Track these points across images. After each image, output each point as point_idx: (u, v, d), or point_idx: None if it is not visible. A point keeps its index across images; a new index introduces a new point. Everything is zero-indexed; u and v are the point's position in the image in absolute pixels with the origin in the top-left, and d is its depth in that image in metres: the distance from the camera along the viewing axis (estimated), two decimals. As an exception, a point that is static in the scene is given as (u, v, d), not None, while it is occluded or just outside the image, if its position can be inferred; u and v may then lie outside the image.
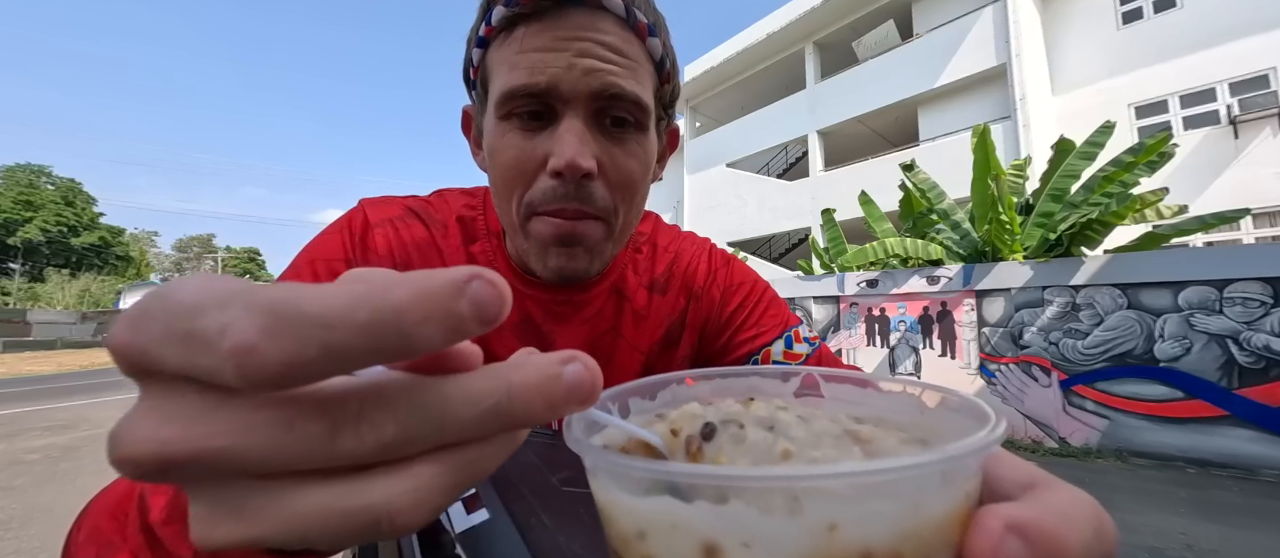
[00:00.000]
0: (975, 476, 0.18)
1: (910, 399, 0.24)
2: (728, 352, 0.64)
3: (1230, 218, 4.90)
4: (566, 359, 0.16)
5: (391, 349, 0.13)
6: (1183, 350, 4.34)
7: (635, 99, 0.46)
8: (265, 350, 0.12)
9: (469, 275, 0.14)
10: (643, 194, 0.53)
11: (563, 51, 0.44)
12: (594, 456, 0.18)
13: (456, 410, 0.15)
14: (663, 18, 0.51)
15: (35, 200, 41.09)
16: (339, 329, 0.13)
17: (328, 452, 0.14)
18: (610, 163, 0.47)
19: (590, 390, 0.16)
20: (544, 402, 0.15)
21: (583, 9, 0.44)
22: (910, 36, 11.79)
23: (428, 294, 0.14)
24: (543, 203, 0.47)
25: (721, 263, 0.68)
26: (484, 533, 0.25)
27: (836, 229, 7.73)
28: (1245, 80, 8.61)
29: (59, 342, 23.31)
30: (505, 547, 0.23)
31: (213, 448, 0.13)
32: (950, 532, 0.17)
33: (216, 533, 0.14)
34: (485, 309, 0.14)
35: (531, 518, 0.25)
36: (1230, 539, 2.93)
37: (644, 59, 0.48)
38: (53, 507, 3.40)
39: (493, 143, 0.48)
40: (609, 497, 0.18)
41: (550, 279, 0.52)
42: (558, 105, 0.45)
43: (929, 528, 0.16)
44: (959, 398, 0.22)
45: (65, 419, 6.47)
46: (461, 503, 0.28)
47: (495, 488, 0.28)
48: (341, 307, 0.13)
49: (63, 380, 10.82)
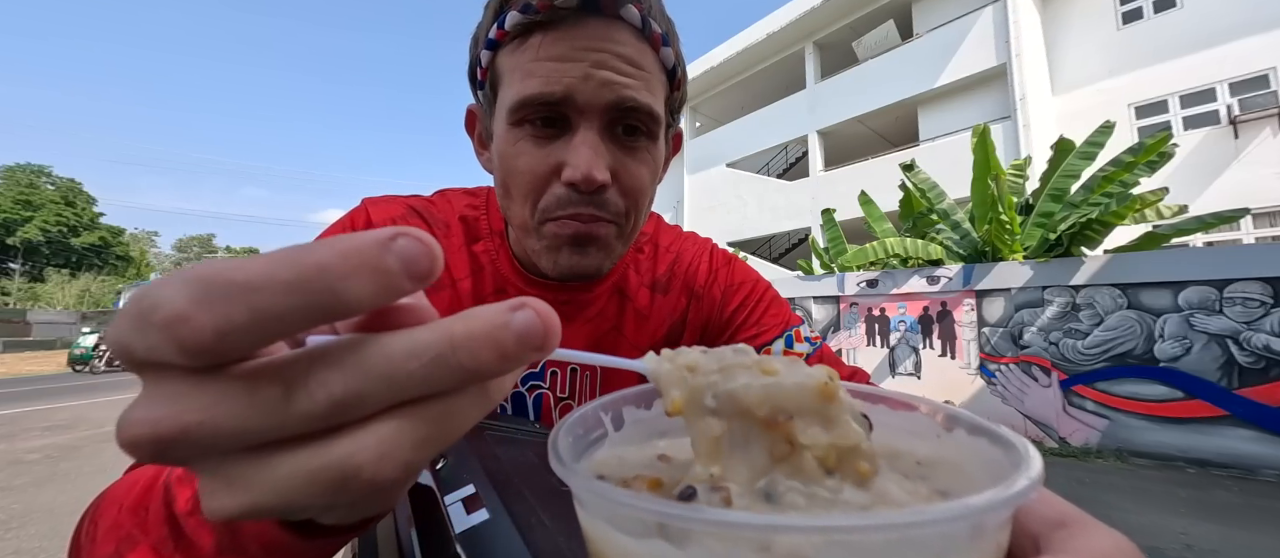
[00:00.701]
0: (1006, 526, 0.16)
1: (925, 419, 0.22)
2: None
3: (1230, 218, 4.90)
4: (516, 306, 0.16)
5: (322, 307, 0.14)
6: (1183, 350, 4.34)
7: (649, 110, 0.47)
8: (196, 318, 0.13)
9: (394, 232, 0.15)
10: (651, 198, 0.54)
11: (579, 62, 0.44)
12: (586, 487, 0.16)
13: (402, 363, 0.15)
14: (673, 24, 0.52)
15: (35, 200, 41.09)
16: (264, 290, 0.13)
17: (285, 412, 0.15)
18: (623, 171, 0.48)
19: (543, 337, 0.16)
20: (493, 349, 0.15)
21: (599, 19, 0.44)
22: (910, 36, 11.79)
23: (354, 250, 0.14)
24: (557, 210, 0.47)
25: (722, 263, 0.68)
26: (484, 533, 0.25)
27: (836, 229, 7.73)
28: (1245, 80, 8.61)
29: (59, 342, 23.32)
30: (505, 547, 0.23)
31: (192, 423, 0.14)
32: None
33: (216, 503, 0.15)
34: (414, 263, 0.14)
35: (531, 518, 0.25)
36: (1230, 539, 2.94)
37: (657, 69, 0.49)
38: (53, 507, 3.41)
39: (504, 148, 0.48)
40: (600, 533, 0.17)
41: (561, 277, 0.52)
42: (572, 115, 0.46)
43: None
44: (975, 421, 0.20)
45: (65, 419, 6.47)
46: (461, 503, 0.28)
47: (495, 488, 0.28)
48: (265, 268, 0.13)
49: (63, 380, 10.83)
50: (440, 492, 0.29)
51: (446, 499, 0.28)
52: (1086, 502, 3.53)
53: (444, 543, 0.25)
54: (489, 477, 0.29)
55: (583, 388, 0.61)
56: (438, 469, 0.33)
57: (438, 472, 0.32)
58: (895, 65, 11.52)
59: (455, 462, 0.33)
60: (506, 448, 0.38)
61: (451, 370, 0.15)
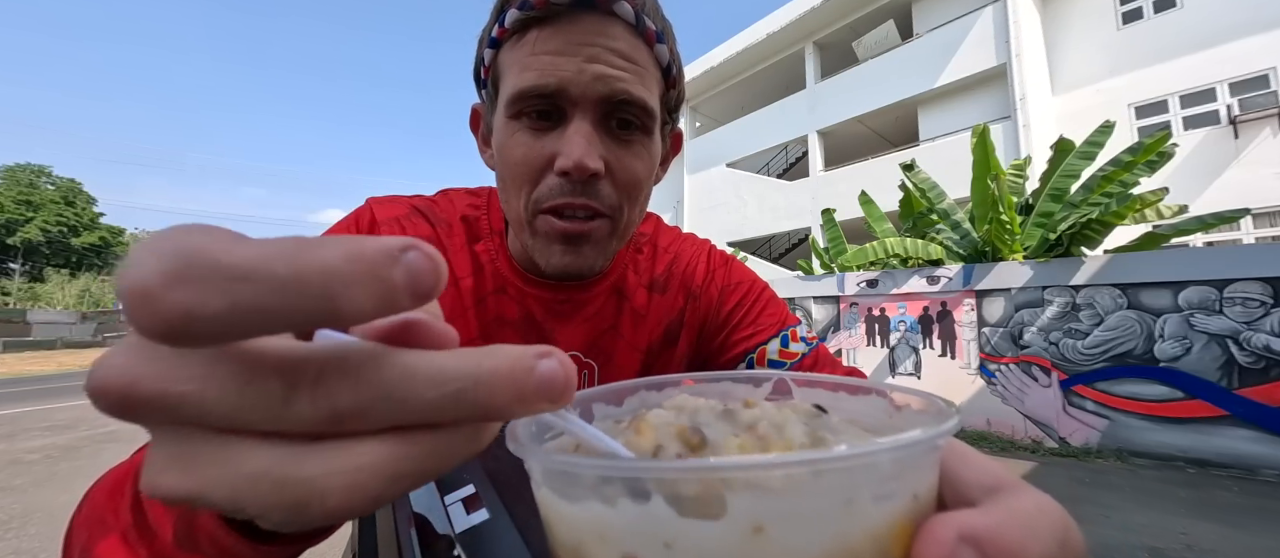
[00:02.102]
0: (927, 475, 0.17)
1: (879, 401, 0.23)
2: (724, 350, 0.65)
3: (1230, 218, 4.90)
4: (541, 354, 0.15)
5: (311, 312, 0.13)
6: (1183, 350, 4.34)
7: (642, 103, 0.48)
8: (161, 297, 0.11)
9: (405, 245, 0.14)
10: (646, 194, 0.54)
11: (574, 56, 0.45)
12: (533, 456, 0.17)
13: (419, 388, 0.14)
14: (670, 25, 0.52)
15: (35, 200, 41.08)
16: (253, 282, 0.12)
17: (280, 413, 0.14)
18: (617, 163, 0.49)
19: (562, 389, 0.15)
20: (514, 392, 0.15)
21: (594, 15, 0.46)
22: (910, 36, 11.79)
23: (360, 257, 0.13)
24: (549, 199, 0.48)
25: (720, 263, 0.68)
26: (484, 533, 0.25)
27: (836, 229, 7.73)
28: (1245, 80, 8.61)
29: (59, 342, 23.32)
30: (505, 547, 0.23)
31: (176, 392, 0.13)
32: (892, 542, 0.15)
33: (161, 480, 0.14)
34: (420, 280, 0.14)
35: (531, 518, 0.25)
36: (1230, 539, 2.93)
37: (651, 65, 0.49)
38: (53, 507, 3.41)
39: (502, 140, 0.50)
40: (548, 507, 0.17)
41: (555, 276, 0.53)
42: (567, 107, 0.47)
43: (865, 536, 0.15)
44: (928, 398, 0.21)
45: (65, 419, 6.48)
46: (461, 503, 0.28)
47: (495, 488, 0.28)
48: (261, 258, 0.12)
49: (63, 380, 10.83)
50: (440, 492, 0.29)
51: (446, 499, 0.28)
52: (1086, 502, 3.53)
53: (444, 543, 0.25)
54: (489, 477, 0.29)
55: (580, 386, 0.61)
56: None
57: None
58: (895, 65, 11.51)
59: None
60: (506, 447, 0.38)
61: (464, 405, 0.15)
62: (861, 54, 12.94)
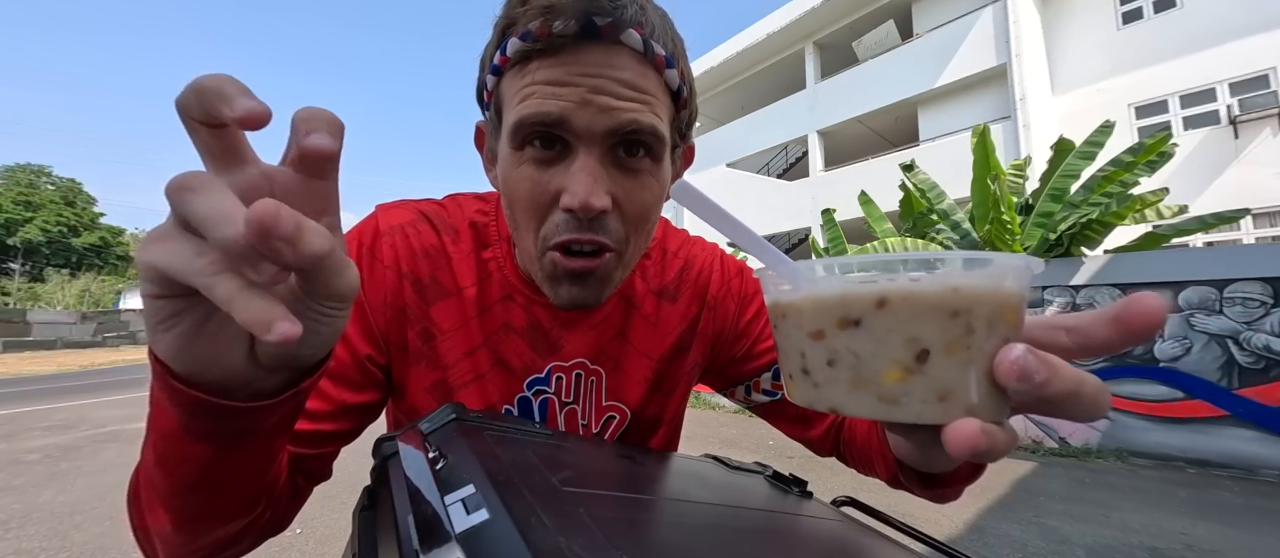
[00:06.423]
0: (1027, 288, 0.28)
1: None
2: (747, 360, 0.65)
3: (1230, 218, 4.91)
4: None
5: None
6: (1183, 350, 4.34)
7: (652, 129, 0.46)
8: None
9: (245, 91, 0.26)
10: (654, 222, 0.53)
11: (577, 86, 0.43)
12: (800, 271, 0.30)
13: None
14: (681, 42, 0.50)
15: (35, 200, 41.07)
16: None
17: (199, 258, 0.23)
18: (624, 197, 0.47)
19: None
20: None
21: (598, 45, 0.44)
22: (910, 37, 11.79)
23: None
24: (556, 236, 0.47)
25: (734, 272, 0.68)
26: (484, 533, 0.24)
27: (836, 229, 7.73)
28: (1245, 80, 8.61)
29: (59, 342, 23.31)
30: (505, 547, 0.23)
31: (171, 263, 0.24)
32: (1007, 311, 0.26)
33: (147, 252, 0.24)
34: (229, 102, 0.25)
35: (531, 518, 0.25)
36: (1230, 539, 2.94)
37: (661, 91, 0.47)
38: (53, 507, 3.40)
39: (507, 171, 0.48)
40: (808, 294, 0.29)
41: (561, 307, 0.53)
42: (571, 139, 0.45)
43: (997, 298, 0.26)
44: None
45: (65, 419, 6.47)
46: (461, 503, 0.28)
47: (495, 488, 0.28)
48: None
49: (63, 380, 10.82)
50: (440, 492, 0.29)
51: (446, 499, 0.28)
52: (1086, 502, 3.53)
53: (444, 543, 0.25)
54: (489, 477, 0.29)
55: (587, 392, 0.60)
56: (437, 469, 0.33)
57: (437, 472, 0.32)
58: (895, 65, 11.51)
59: (455, 462, 0.33)
60: (506, 448, 0.38)
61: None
62: (861, 54, 12.94)
